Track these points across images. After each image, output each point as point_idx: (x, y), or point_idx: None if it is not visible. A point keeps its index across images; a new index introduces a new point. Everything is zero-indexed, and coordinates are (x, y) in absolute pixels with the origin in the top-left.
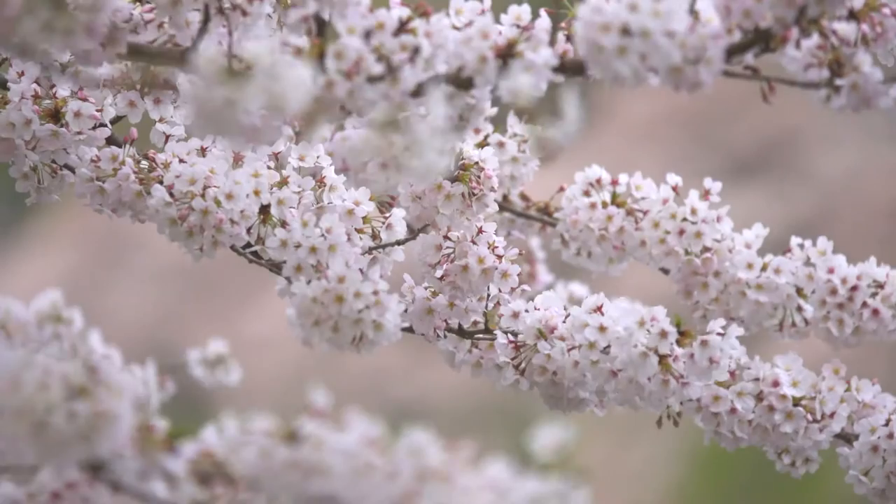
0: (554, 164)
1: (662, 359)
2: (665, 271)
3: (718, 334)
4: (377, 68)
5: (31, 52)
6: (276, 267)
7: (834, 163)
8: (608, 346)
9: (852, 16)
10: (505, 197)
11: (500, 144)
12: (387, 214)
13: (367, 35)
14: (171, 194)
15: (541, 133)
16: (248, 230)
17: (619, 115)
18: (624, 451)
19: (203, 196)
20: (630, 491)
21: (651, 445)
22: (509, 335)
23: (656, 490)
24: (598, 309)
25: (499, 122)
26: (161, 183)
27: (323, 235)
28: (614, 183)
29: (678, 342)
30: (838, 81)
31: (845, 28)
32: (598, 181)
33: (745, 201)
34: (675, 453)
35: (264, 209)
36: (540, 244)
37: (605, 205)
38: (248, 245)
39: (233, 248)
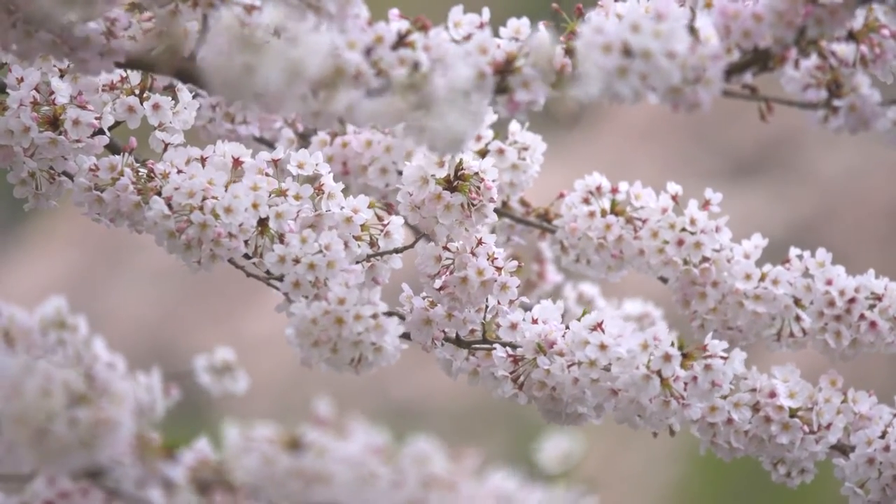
0: (553, 163)
1: (664, 379)
2: (664, 280)
3: (722, 358)
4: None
5: (50, 24)
6: (272, 279)
7: (834, 163)
8: (609, 364)
9: (851, 36)
10: (504, 203)
11: (500, 151)
12: (385, 222)
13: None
14: (170, 206)
15: (560, 97)
16: (246, 242)
17: (619, 114)
18: (622, 452)
19: (201, 209)
20: (628, 492)
21: (650, 447)
22: (508, 348)
23: (655, 491)
24: (599, 326)
25: (499, 129)
26: (159, 194)
27: (321, 251)
28: (614, 191)
29: (681, 364)
30: (836, 102)
31: (844, 49)
32: (598, 189)
33: (745, 202)
34: (673, 455)
35: (262, 221)
36: (549, 244)
37: (603, 213)
38: (249, 256)
39: (230, 260)
